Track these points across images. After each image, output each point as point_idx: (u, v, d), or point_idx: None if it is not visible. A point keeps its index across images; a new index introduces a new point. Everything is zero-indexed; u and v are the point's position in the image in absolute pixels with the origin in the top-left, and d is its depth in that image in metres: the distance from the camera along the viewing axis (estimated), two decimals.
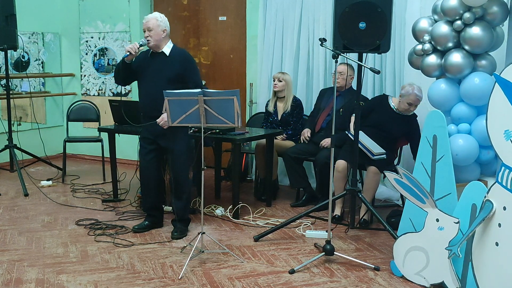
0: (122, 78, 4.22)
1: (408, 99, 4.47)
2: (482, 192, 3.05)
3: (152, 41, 4.06)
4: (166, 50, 4.12)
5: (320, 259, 3.72)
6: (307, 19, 5.71)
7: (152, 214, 4.39)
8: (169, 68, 4.07)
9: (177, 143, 4.13)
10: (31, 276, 3.42)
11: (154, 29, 4.04)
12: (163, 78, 4.04)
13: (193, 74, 4.13)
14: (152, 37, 4.05)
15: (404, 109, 4.54)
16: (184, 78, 4.06)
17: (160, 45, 4.10)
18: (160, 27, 4.06)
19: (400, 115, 4.58)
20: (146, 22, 4.07)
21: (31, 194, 5.44)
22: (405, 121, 4.58)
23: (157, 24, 4.05)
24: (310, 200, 5.15)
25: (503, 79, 2.86)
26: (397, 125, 4.57)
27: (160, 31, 4.06)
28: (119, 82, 4.30)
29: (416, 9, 4.77)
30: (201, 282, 3.36)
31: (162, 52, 4.11)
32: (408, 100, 4.47)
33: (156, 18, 4.08)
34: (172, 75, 4.05)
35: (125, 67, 4.12)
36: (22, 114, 6.85)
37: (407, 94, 4.46)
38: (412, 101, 4.46)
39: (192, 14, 6.65)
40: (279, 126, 5.40)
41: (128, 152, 6.31)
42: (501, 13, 3.65)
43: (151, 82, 4.10)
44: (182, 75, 4.07)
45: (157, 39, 4.06)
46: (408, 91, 4.46)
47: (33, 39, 7.00)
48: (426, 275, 3.31)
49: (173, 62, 4.08)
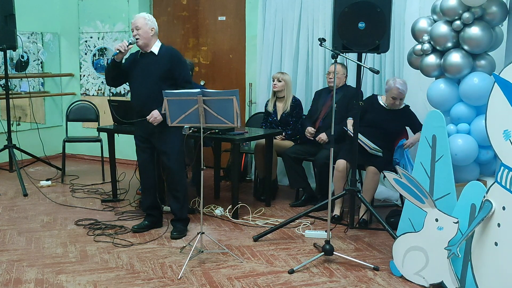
0: (112, 78, 4.26)
1: (391, 93, 4.51)
2: (481, 192, 3.05)
3: (141, 39, 4.08)
4: (155, 49, 4.15)
5: (319, 259, 3.72)
6: (306, 19, 5.71)
7: (151, 213, 4.39)
8: (159, 66, 4.09)
9: (169, 144, 4.14)
10: (30, 276, 3.42)
11: (142, 27, 4.07)
12: (154, 76, 4.08)
13: (181, 69, 4.16)
14: (140, 35, 4.07)
15: (391, 104, 4.57)
16: (173, 74, 4.10)
17: (148, 44, 4.12)
18: (148, 26, 4.09)
19: (391, 111, 4.61)
20: (134, 21, 4.12)
21: (31, 194, 5.44)
22: (398, 115, 4.61)
23: (144, 23, 4.08)
24: (309, 200, 5.15)
25: (502, 79, 2.86)
26: (391, 121, 4.59)
27: (148, 29, 4.09)
28: (109, 83, 4.34)
29: (415, 9, 4.78)
30: (200, 282, 3.36)
31: (151, 51, 4.14)
32: (391, 95, 4.51)
33: (143, 17, 4.13)
34: (161, 73, 4.08)
35: (115, 66, 4.14)
36: (22, 114, 6.85)
37: (390, 89, 4.52)
38: (395, 95, 4.50)
39: (192, 14, 6.65)
40: (278, 126, 5.40)
41: (127, 152, 6.30)
42: (500, 13, 3.65)
43: (141, 82, 4.12)
44: (171, 72, 4.10)
45: (146, 37, 4.09)
46: (391, 85, 4.50)
47: (32, 39, 6.99)
48: (425, 275, 3.31)
49: (162, 60, 4.11)
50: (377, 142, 4.49)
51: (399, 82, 4.49)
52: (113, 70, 4.18)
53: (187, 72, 4.24)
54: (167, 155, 4.16)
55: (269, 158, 5.09)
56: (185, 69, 4.23)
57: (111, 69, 4.18)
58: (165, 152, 4.16)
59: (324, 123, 5.15)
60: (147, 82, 4.09)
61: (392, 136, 4.65)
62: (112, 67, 4.16)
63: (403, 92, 4.51)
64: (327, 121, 5.07)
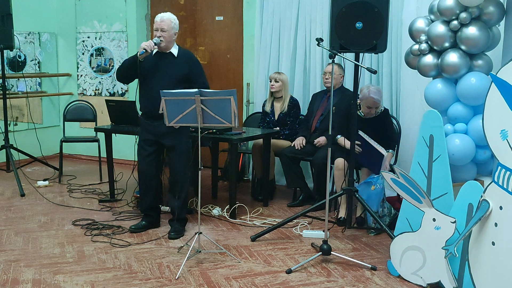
0: (127, 76, 4.20)
1: (366, 103, 4.44)
2: (478, 192, 3.06)
3: (164, 41, 4.06)
4: (174, 51, 4.15)
5: (317, 258, 3.73)
6: (304, 19, 5.71)
7: (149, 214, 4.39)
8: (178, 69, 4.09)
9: (180, 142, 4.15)
10: (28, 277, 3.41)
11: (168, 30, 4.06)
12: (172, 78, 4.06)
13: (200, 75, 4.18)
14: (165, 38, 4.05)
15: (366, 113, 4.51)
16: (190, 79, 4.10)
17: (169, 46, 4.12)
18: (174, 30, 4.10)
19: (368, 120, 4.53)
20: (161, 22, 4.05)
21: (28, 194, 5.43)
22: (374, 122, 4.53)
23: (171, 26, 4.08)
24: (307, 200, 5.15)
25: (500, 79, 2.87)
26: (372, 129, 4.45)
27: (173, 33, 4.10)
28: (121, 79, 4.29)
29: (413, 9, 4.78)
30: (198, 282, 3.36)
31: (170, 53, 4.12)
32: (367, 104, 4.45)
33: (170, 20, 4.09)
34: (180, 76, 4.08)
35: (136, 65, 4.07)
36: (19, 114, 6.83)
37: (364, 98, 4.44)
38: (370, 104, 4.44)
39: (189, 14, 6.65)
40: (276, 126, 5.40)
41: (125, 152, 6.30)
42: (498, 13, 3.66)
43: (159, 83, 4.04)
44: (189, 76, 4.11)
45: (169, 41, 4.09)
46: (365, 94, 4.42)
47: (30, 39, 6.98)
48: (423, 274, 3.32)
49: (181, 63, 4.11)
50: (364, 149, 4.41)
51: (373, 91, 4.40)
52: (132, 68, 4.11)
53: (205, 78, 4.23)
54: (176, 152, 4.16)
55: (267, 158, 5.09)
56: (203, 74, 4.23)
57: (130, 67, 4.11)
58: (175, 148, 4.16)
59: (321, 125, 5.15)
60: (162, 83, 4.00)
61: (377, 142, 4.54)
62: (133, 64, 4.08)
63: (378, 101, 4.44)
64: (324, 123, 5.07)
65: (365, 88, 4.47)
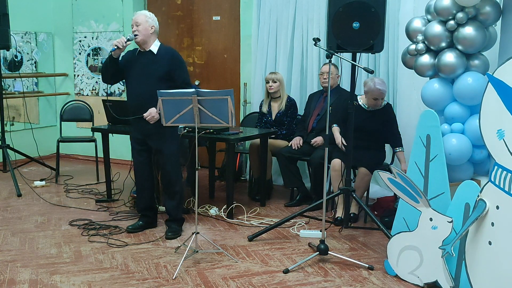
0: (109, 75, 4.17)
1: (373, 95, 4.53)
2: (475, 191, 3.06)
3: (140, 35, 4.04)
4: (154, 48, 4.11)
5: (314, 258, 3.73)
6: (301, 19, 5.71)
7: (146, 214, 4.38)
8: (158, 67, 4.06)
9: (166, 144, 4.13)
10: (25, 277, 3.41)
11: (142, 24, 4.05)
12: (152, 77, 4.04)
13: (181, 72, 4.13)
14: (140, 32, 4.04)
15: (372, 105, 4.59)
16: (172, 76, 4.07)
17: (147, 42, 4.08)
18: (148, 23, 4.07)
19: (372, 111, 4.63)
20: (135, 18, 4.09)
21: (24, 194, 5.42)
22: (378, 114, 4.62)
23: (145, 20, 4.06)
24: (304, 199, 5.16)
25: (496, 78, 2.87)
26: (374, 122, 4.59)
27: (148, 26, 4.06)
28: (106, 80, 4.25)
29: (410, 9, 4.78)
30: (195, 282, 3.36)
31: (149, 50, 4.10)
32: (372, 96, 4.53)
33: (144, 14, 4.11)
34: (161, 74, 4.04)
35: (112, 63, 4.08)
36: (15, 114, 6.82)
37: (370, 90, 4.52)
38: (377, 95, 4.52)
39: (186, 14, 6.65)
40: (273, 126, 5.40)
41: (122, 152, 6.30)
42: (494, 13, 3.66)
43: (139, 81, 4.08)
44: (171, 73, 4.07)
45: (145, 34, 4.05)
46: (371, 86, 4.51)
47: (26, 38, 6.97)
48: (420, 274, 3.32)
49: (161, 60, 4.07)
50: (365, 145, 4.50)
51: (378, 83, 4.49)
52: (111, 67, 4.10)
53: (187, 75, 4.20)
54: (164, 155, 4.15)
55: (264, 158, 5.09)
56: (185, 71, 4.20)
57: (109, 66, 4.11)
58: (162, 151, 4.15)
59: (318, 125, 5.16)
60: (145, 82, 4.03)
61: (376, 135, 4.62)
62: (110, 64, 4.09)
63: (384, 92, 4.55)
64: (321, 123, 5.08)
65: (370, 80, 4.53)
